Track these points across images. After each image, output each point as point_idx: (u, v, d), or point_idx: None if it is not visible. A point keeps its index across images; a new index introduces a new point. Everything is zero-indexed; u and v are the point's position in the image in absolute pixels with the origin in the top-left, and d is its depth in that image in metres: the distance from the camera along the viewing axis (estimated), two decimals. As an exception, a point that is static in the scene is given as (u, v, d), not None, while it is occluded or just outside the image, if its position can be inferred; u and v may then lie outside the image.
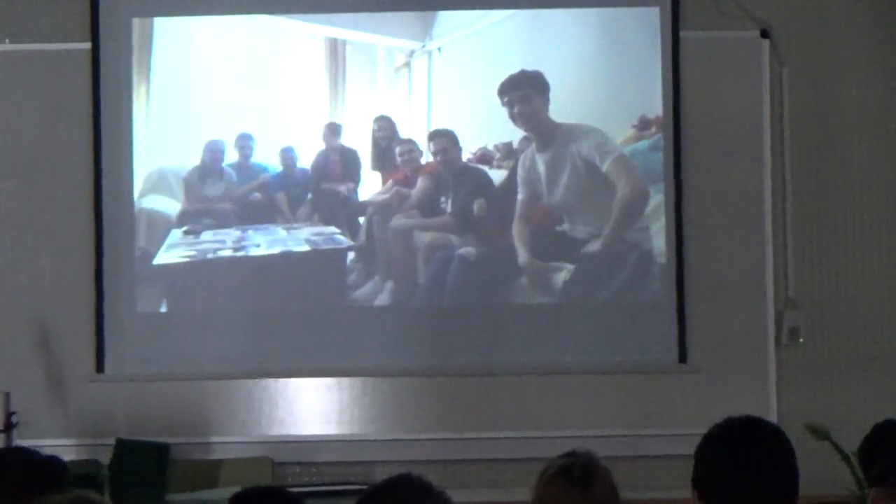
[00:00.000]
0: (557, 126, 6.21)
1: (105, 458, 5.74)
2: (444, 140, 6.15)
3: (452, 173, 6.18)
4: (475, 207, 6.11)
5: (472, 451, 6.06)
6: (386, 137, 6.17)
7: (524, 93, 6.19)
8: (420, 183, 6.23)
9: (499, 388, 6.16)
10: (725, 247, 6.21)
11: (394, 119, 6.22)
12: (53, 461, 3.72)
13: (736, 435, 2.88)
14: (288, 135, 6.26)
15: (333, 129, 6.20)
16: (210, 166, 6.24)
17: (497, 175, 6.19)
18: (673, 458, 5.62)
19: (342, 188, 6.19)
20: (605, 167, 6.10)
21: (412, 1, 6.28)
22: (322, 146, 6.22)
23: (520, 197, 6.18)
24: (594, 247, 6.09)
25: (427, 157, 6.24)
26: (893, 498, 3.28)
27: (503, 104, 6.19)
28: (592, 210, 6.17)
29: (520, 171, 6.18)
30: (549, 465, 3.42)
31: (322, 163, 6.24)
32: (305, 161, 6.25)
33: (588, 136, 6.15)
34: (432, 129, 6.16)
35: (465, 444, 6.09)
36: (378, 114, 6.22)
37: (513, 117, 6.19)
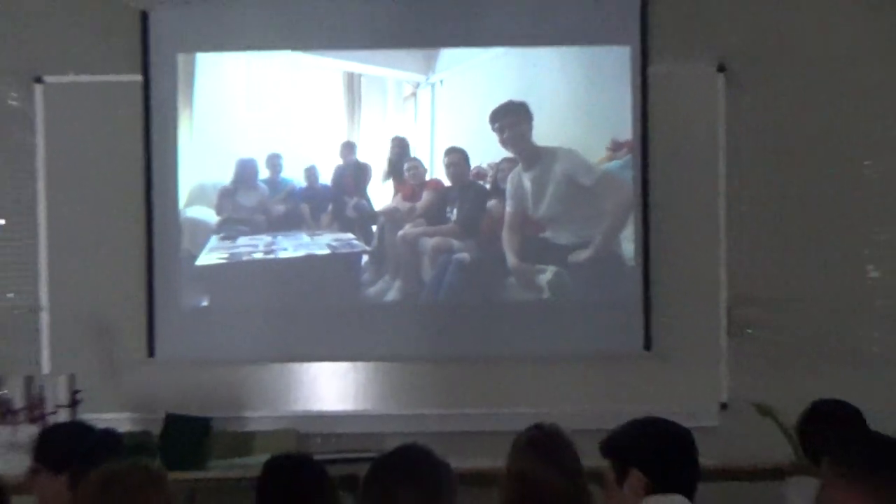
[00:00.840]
0: (540, 149, 6.28)
1: (156, 429, 5.78)
2: (458, 156, 6.24)
3: (459, 186, 6.24)
4: (490, 210, 6.20)
5: (467, 425, 6.06)
6: (397, 155, 6.24)
7: (512, 120, 6.23)
8: (425, 196, 6.30)
9: (490, 371, 6.19)
10: (685, 251, 6.22)
11: (402, 141, 6.27)
12: (110, 433, 3.85)
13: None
14: (311, 154, 6.27)
15: (349, 148, 6.27)
16: (244, 181, 6.27)
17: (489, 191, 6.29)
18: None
19: (356, 199, 6.22)
20: (590, 183, 6.17)
21: (418, 39, 6.21)
22: (340, 161, 6.26)
23: (508, 209, 6.26)
24: (584, 254, 6.14)
25: (432, 173, 6.29)
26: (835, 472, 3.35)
27: (494, 130, 6.24)
28: (572, 220, 6.24)
29: (508, 188, 6.26)
30: (520, 436, 3.58)
31: (339, 177, 6.31)
32: (326, 177, 6.30)
33: (567, 157, 6.24)
34: (448, 146, 6.22)
35: (461, 418, 6.11)
36: (392, 135, 6.26)
37: (502, 141, 6.27)
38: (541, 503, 3.52)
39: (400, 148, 6.17)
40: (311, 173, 6.25)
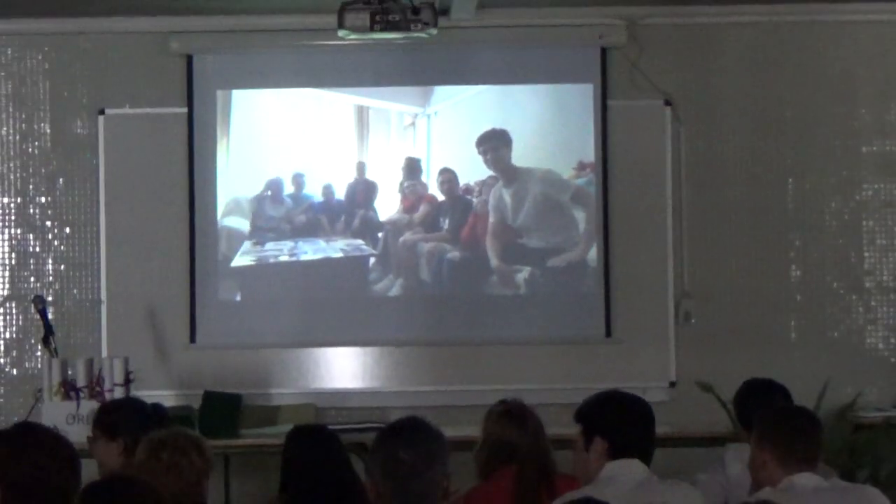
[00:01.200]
0: (518, 169, 6.26)
1: (196, 404, 5.69)
2: (449, 175, 6.22)
3: (451, 200, 6.23)
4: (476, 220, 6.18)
5: (457, 399, 5.97)
6: (410, 171, 6.25)
7: (494, 144, 6.19)
8: (422, 209, 6.28)
9: (475, 355, 6.15)
10: (639, 254, 6.21)
11: (413, 161, 6.24)
12: (158, 407, 3.97)
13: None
14: (328, 173, 6.22)
15: (360, 168, 6.25)
16: (272, 196, 6.23)
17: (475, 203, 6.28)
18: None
19: (364, 211, 6.21)
20: (566, 198, 6.16)
21: (416, 78, 6.18)
22: (352, 179, 6.23)
23: (491, 220, 6.24)
24: (566, 258, 6.12)
25: (428, 189, 6.26)
26: (759, 441, 3.27)
27: (479, 153, 6.20)
28: (544, 228, 6.23)
29: (491, 201, 6.23)
30: (491, 410, 3.72)
31: (351, 192, 6.28)
32: (340, 193, 6.25)
33: (545, 175, 6.23)
34: (441, 167, 6.20)
35: (453, 394, 6.04)
36: (395, 158, 6.23)
37: (486, 162, 6.25)
38: (510, 459, 3.60)
39: (411, 166, 6.18)
40: (327, 190, 6.21)
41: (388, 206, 6.24)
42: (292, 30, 6.02)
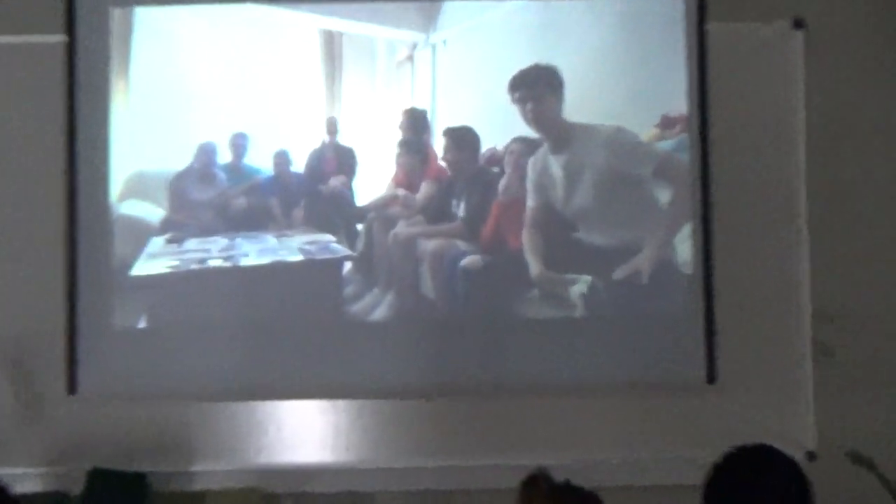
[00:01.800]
0: (572, 127, 4.77)
1: (76, 488, 4.56)
2: (466, 136, 4.78)
3: (467, 174, 4.82)
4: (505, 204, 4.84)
5: (480, 481, 4.65)
6: (412, 131, 4.82)
7: (535, 89, 4.76)
8: (423, 188, 4.82)
9: (509, 409, 4.78)
10: (757, 255, 4.76)
11: (411, 115, 4.78)
12: (5, 494, 3.09)
13: (745, 465, 2.50)
14: (282, 134, 4.88)
15: (330, 126, 4.86)
16: (197, 168, 4.83)
17: (504, 180, 4.85)
18: (698, 489, 4.39)
19: (335, 185, 4.83)
20: (644, 170, 4.76)
21: None
22: (318, 144, 4.86)
23: (530, 203, 4.75)
24: (631, 268, 4.72)
25: (436, 157, 4.90)
26: None
27: (513, 101, 4.75)
28: (613, 218, 4.78)
29: (530, 176, 4.75)
30: (527, 492, 2.81)
31: (316, 162, 4.87)
32: (300, 163, 4.89)
33: (609, 136, 4.77)
34: (453, 124, 4.82)
35: (472, 472, 4.70)
36: (383, 111, 4.80)
37: (524, 116, 4.76)
38: None
39: (414, 122, 4.82)
40: (281, 158, 4.85)
41: (372, 183, 4.91)
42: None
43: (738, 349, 4.69)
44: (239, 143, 4.82)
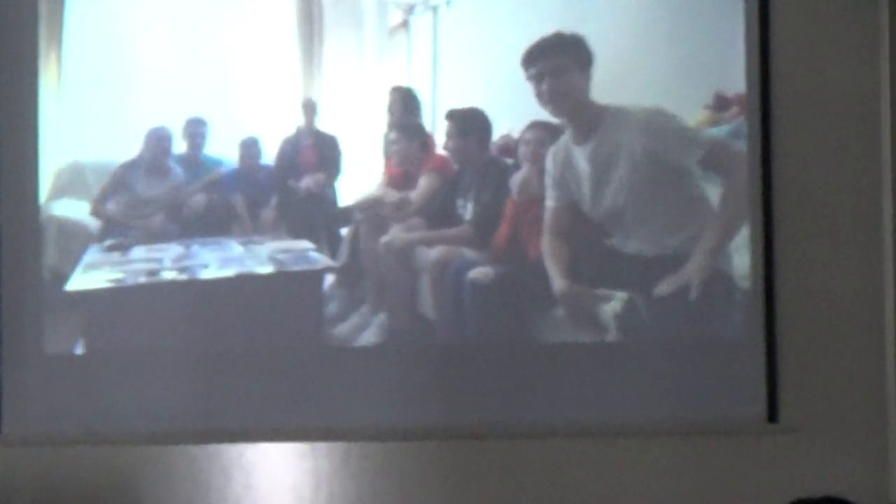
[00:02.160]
0: (603, 109, 4.22)
1: None
2: (472, 118, 4.23)
3: (475, 166, 4.28)
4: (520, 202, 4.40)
5: None
6: (401, 113, 4.32)
7: (558, 63, 4.21)
8: (421, 183, 4.30)
9: (526, 455, 4.35)
10: (828, 268, 4.28)
11: (406, 95, 4.29)
12: None
13: None
14: (249, 119, 4.39)
15: (308, 108, 4.38)
16: (146, 160, 4.34)
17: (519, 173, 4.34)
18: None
19: (312, 182, 4.35)
20: (691, 161, 4.20)
21: None
22: (293, 130, 4.37)
23: (550, 203, 4.23)
24: (684, 280, 4.21)
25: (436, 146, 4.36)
26: None
27: (528, 78, 4.23)
28: (654, 220, 4.23)
29: (550, 169, 4.20)
30: None
31: (289, 153, 4.37)
32: (271, 154, 4.43)
33: (648, 119, 4.21)
34: (456, 105, 4.31)
35: None
36: (372, 89, 4.31)
37: (542, 96, 4.20)
38: None
39: (404, 103, 4.32)
40: (249, 150, 4.39)
41: (358, 178, 4.44)
42: None
43: (807, 381, 4.26)
44: (196, 131, 4.37)
